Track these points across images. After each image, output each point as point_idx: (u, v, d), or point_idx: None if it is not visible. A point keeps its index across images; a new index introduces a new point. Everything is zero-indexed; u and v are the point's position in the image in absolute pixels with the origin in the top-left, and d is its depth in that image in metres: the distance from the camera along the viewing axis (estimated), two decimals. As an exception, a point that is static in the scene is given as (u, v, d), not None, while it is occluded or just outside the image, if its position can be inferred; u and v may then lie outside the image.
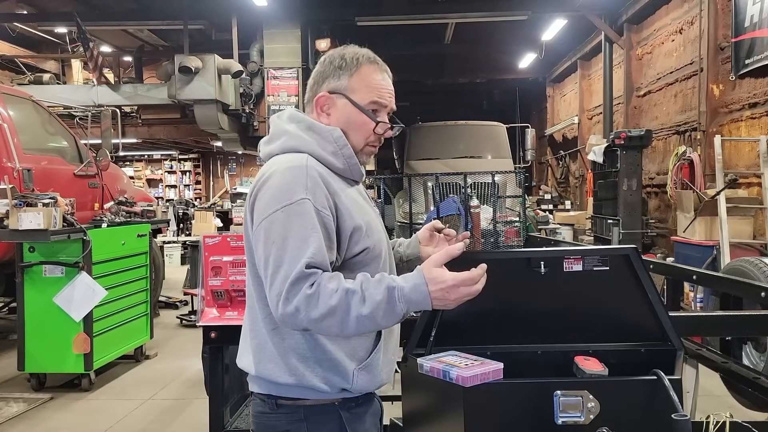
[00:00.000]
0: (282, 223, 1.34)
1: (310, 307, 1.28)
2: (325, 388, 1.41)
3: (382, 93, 1.51)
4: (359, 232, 1.42)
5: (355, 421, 1.48)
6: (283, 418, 1.45)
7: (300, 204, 1.35)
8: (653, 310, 1.74)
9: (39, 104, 5.83)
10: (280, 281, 1.31)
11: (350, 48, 1.54)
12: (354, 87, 1.49)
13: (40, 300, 4.37)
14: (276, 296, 1.31)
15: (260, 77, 10.36)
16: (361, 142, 1.51)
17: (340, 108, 1.50)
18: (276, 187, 1.38)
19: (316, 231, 1.34)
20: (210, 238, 2.44)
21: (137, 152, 18.46)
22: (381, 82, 1.52)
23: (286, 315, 1.30)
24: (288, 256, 1.32)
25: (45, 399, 4.38)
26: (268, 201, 1.38)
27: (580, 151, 12.83)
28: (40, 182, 4.87)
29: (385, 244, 1.54)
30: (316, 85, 1.54)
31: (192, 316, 6.68)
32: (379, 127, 1.51)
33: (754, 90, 6.52)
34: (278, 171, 1.41)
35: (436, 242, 1.69)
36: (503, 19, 10.83)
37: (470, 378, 1.48)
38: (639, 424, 1.51)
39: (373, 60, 1.52)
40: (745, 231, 6.06)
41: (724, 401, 3.45)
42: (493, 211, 7.43)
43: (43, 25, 11.75)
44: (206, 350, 2.61)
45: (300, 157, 1.44)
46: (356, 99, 1.49)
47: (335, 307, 1.28)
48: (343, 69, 1.50)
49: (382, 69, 1.53)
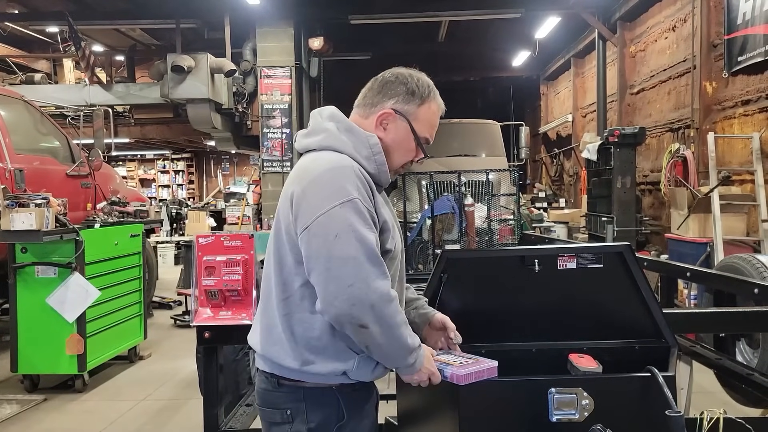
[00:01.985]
0: (342, 218, 1.41)
1: (386, 308, 1.40)
2: (327, 373, 1.49)
3: (433, 130, 1.65)
4: (388, 233, 1.53)
5: (352, 407, 1.54)
6: (284, 396, 1.54)
7: (356, 202, 1.43)
8: (647, 307, 1.74)
9: (31, 104, 5.79)
10: (352, 273, 1.38)
11: (423, 77, 1.63)
12: (419, 117, 1.60)
13: (32, 301, 4.34)
14: (348, 287, 1.38)
15: (253, 76, 10.32)
16: (400, 162, 1.63)
17: (399, 128, 1.60)
18: (328, 185, 1.45)
19: (373, 230, 1.44)
20: (203, 238, 2.43)
21: (130, 152, 18.39)
22: (437, 121, 1.65)
23: (359, 307, 1.37)
24: (354, 250, 1.39)
25: (38, 400, 4.36)
26: (322, 197, 1.44)
27: (574, 149, 12.86)
28: (32, 183, 4.83)
29: (401, 248, 1.63)
30: (381, 97, 1.61)
31: (186, 317, 6.66)
32: (417, 155, 1.64)
33: (747, 87, 6.55)
34: (326, 169, 1.48)
35: (441, 336, 1.73)
36: (497, 16, 10.84)
37: (465, 376, 1.49)
38: (633, 420, 1.51)
39: (438, 96, 1.64)
40: (738, 228, 6.09)
41: (718, 397, 3.46)
42: (487, 210, 7.43)
43: (35, 25, 11.66)
44: (200, 350, 2.60)
45: (343, 158, 1.52)
46: (416, 128, 1.60)
47: (399, 323, 1.43)
48: (415, 96, 1.59)
49: (441, 107, 1.65)
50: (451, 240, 6.91)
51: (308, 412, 1.52)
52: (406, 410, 1.91)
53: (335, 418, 1.52)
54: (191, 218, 11.54)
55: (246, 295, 2.40)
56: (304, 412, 1.52)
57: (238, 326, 2.36)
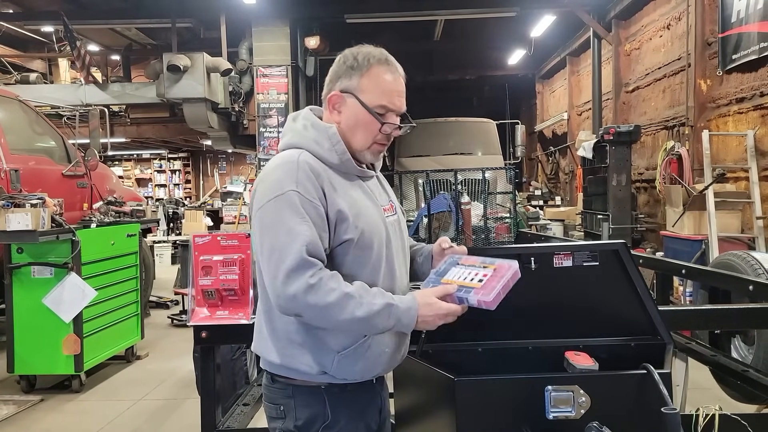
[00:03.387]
0: (273, 212, 1.45)
1: (308, 296, 1.38)
2: (307, 369, 1.50)
3: (390, 95, 1.56)
4: (345, 222, 1.49)
5: (340, 407, 1.53)
6: (277, 392, 1.57)
7: (289, 195, 1.44)
8: (643, 304, 1.75)
9: (26, 104, 5.77)
10: (274, 266, 1.41)
11: (364, 48, 1.59)
12: (364, 87, 1.54)
13: (29, 301, 4.33)
14: (272, 280, 1.42)
15: (249, 75, 10.31)
16: (368, 141, 1.57)
17: (350, 107, 1.56)
18: (269, 181, 1.50)
19: (306, 220, 1.43)
20: (200, 238, 2.43)
21: (126, 152, 18.33)
22: (391, 84, 1.56)
23: (283, 299, 1.41)
24: (281, 243, 1.42)
25: (35, 401, 4.35)
26: (262, 193, 1.50)
27: (570, 147, 12.88)
28: (28, 183, 4.82)
29: (383, 238, 1.56)
30: (330, 83, 1.60)
31: (183, 316, 6.65)
32: (385, 128, 1.56)
33: (741, 85, 6.57)
34: (273, 167, 1.53)
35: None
36: (492, 15, 10.84)
37: (494, 299, 1.40)
38: (629, 417, 1.52)
39: (384, 61, 1.56)
40: (733, 225, 6.11)
41: (713, 394, 3.48)
42: (483, 208, 7.45)
43: (30, 24, 11.61)
44: (197, 350, 2.60)
45: (293, 152, 1.54)
46: (365, 100, 1.54)
47: (332, 304, 1.38)
48: (354, 69, 1.55)
49: (392, 69, 1.57)
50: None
51: (296, 409, 1.52)
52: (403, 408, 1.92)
53: (321, 417, 1.51)
54: (188, 217, 11.50)
55: (243, 294, 2.40)
56: (293, 409, 1.53)
57: (235, 325, 2.36)
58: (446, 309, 1.45)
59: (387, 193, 1.72)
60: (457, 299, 1.46)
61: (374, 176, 1.67)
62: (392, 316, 1.43)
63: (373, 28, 11.58)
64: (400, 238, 1.66)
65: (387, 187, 1.75)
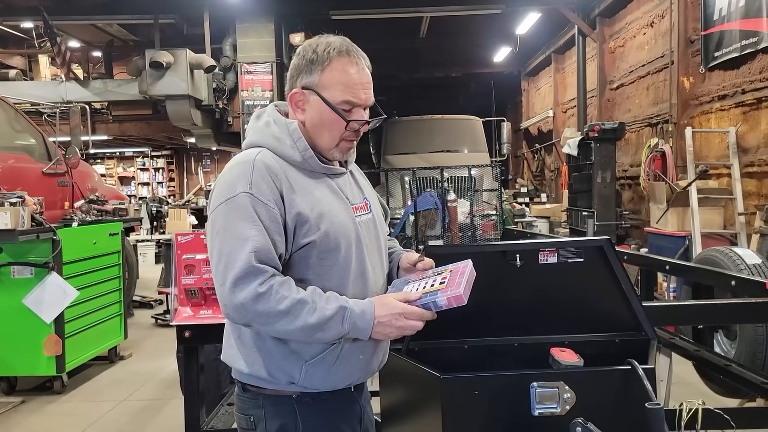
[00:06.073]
0: (223, 215, 1.38)
1: (257, 305, 1.32)
2: (273, 379, 1.44)
3: (355, 89, 1.44)
4: (305, 225, 1.41)
5: (312, 417, 1.46)
6: (247, 402, 1.50)
7: (239, 197, 1.37)
8: (627, 300, 1.75)
9: (5, 101, 5.66)
10: (222, 273, 1.35)
11: (323, 39, 1.48)
12: (325, 83, 1.44)
13: (9, 302, 4.25)
14: (220, 287, 1.36)
15: (233, 72, 10.22)
16: (335, 139, 1.48)
17: (314, 105, 1.46)
18: (221, 184, 1.43)
19: (257, 224, 1.36)
20: (183, 236, 2.40)
21: (108, 149, 18.16)
22: (354, 77, 1.44)
23: (231, 307, 1.35)
24: (229, 248, 1.35)
25: (16, 403, 4.28)
26: (214, 197, 1.43)
27: (555, 144, 12.95)
28: (7, 181, 4.73)
29: (352, 239, 1.47)
30: (291, 79, 1.50)
31: (167, 316, 6.58)
32: (351, 125, 1.47)
33: (723, 82, 6.64)
34: (229, 167, 1.46)
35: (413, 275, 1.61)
36: (478, 12, 10.85)
37: (465, 291, 1.38)
38: (614, 413, 1.52)
39: (345, 52, 1.45)
40: (715, 221, 6.17)
41: (696, 388, 3.51)
42: (470, 205, 7.46)
43: (9, 20, 11.40)
44: (181, 350, 2.57)
45: (250, 152, 1.46)
46: (327, 96, 1.44)
47: (283, 312, 1.32)
48: (315, 63, 1.45)
49: (354, 61, 1.45)
50: (434, 236, 6.93)
51: (267, 420, 1.46)
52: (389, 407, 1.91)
53: (292, 429, 1.44)
54: (172, 216, 11.39)
55: (227, 293, 2.37)
56: (263, 420, 1.46)
57: (218, 325, 2.31)
58: (401, 308, 1.37)
59: (361, 189, 1.61)
60: (421, 306, 1.40)
61: (345, 173, 1.56)
62: (346, 321, 1.35)
63: (358, 24, 11.53)
64: (375, 237, 1.56)
65: (363, 184, 1.64)
